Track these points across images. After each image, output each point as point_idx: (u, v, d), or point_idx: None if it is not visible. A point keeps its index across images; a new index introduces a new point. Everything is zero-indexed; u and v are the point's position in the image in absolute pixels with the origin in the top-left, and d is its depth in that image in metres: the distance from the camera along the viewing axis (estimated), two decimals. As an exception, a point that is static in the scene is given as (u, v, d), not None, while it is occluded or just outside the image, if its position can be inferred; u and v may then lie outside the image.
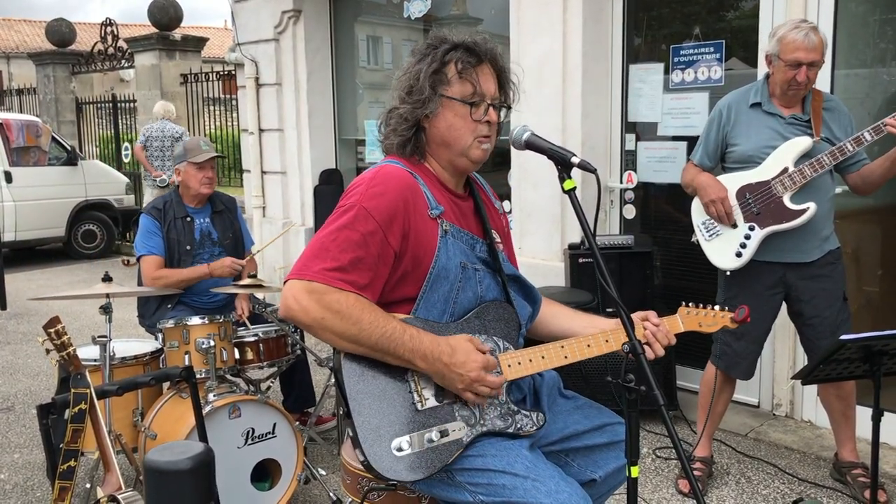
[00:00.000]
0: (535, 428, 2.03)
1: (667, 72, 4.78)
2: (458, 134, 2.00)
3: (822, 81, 3.98)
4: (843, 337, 2.48)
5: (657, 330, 2.04)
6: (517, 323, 2.08)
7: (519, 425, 2.00)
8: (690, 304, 2.18)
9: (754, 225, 3.30)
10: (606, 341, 2.03)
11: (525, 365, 2.01)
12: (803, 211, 3.21)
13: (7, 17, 34.37)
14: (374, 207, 1.89)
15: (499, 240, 2.17)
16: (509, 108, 2.09)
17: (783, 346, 4.30)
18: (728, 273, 3.40)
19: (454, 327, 1.98)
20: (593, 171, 1.86)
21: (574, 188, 1.88)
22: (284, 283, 1.89)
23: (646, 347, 2.01)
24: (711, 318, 2.15)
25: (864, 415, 3.28)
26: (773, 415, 4.44)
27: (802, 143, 3.24)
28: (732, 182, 3.37)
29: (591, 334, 2.06)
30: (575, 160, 1.88)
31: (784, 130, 3.29)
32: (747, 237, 3.31)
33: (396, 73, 2.09)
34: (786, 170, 3.23)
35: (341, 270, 1.84)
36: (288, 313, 1.86)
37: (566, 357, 2.02)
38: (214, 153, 4.04)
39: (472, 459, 1.92)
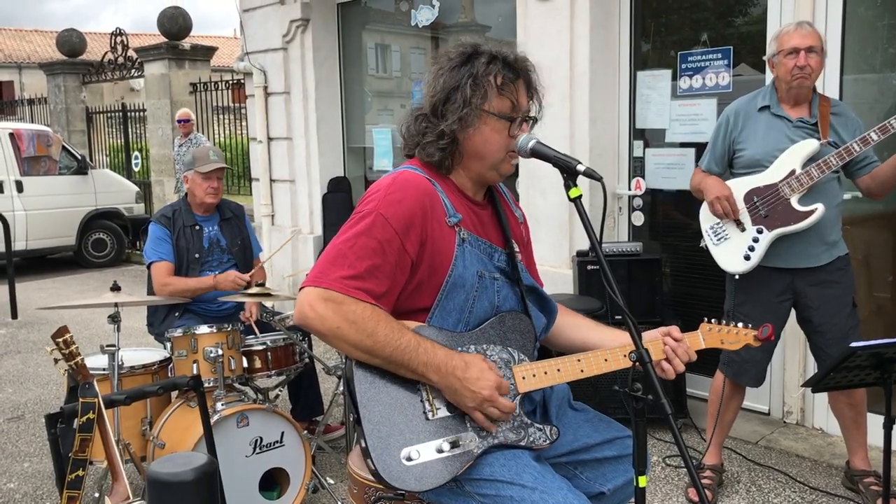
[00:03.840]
0: (547, 442, 2.00)
1: (675, 78, 4.77)
2: (494, 148, 1.98)
3: (831, 86, 3.98)
4: (854, 344, 2.46)
5: (678, 346, 2.02)
6: (533, 334, 2.06)
7: (531, 439, 1.98)
8: (713, 321, 2.14)
9: (762, 227, 3.29)
10: (624, 356, 1.98)
11: (540, 377, 1.98)
12: (812, 212, 3.20)
13: (19, 27, 34.65)
14: (391, 214, 1.86)
15: (518, 249, 2.14)
16: (536, 120, 2.07)
17: (793, 353, 4.27)
18: (737, 278, 3.38)
19: (469, 337, 1.96)
20: (599, 179, 1.84)
21: (580, 196, 1.86)
22: (300, 289, 1.86)
23: (665, 364, 2.00)
24: (734, 336, 2.12)
25: (875, 422, 3.26)
26: (784, 422, 4.41)
27: (809, 145, 3.23)
28: (740, 186, 3.36)
29: (608, 348, 2.02)
30: (580, 168, 1.86)
31: (792, 133, 3.28)
32: (755, 240, 3.30)
33: (426, 77, 2.05)
34: (793, 172, 3.22)
35: (358, 279, 1.82)
36: (303, 320, 1.84)
37: (582, 371, 1.99)
38: (221, 164, 4.05)
39: (480, 468, 1.90)
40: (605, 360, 2.00)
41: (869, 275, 4.34)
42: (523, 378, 1.97)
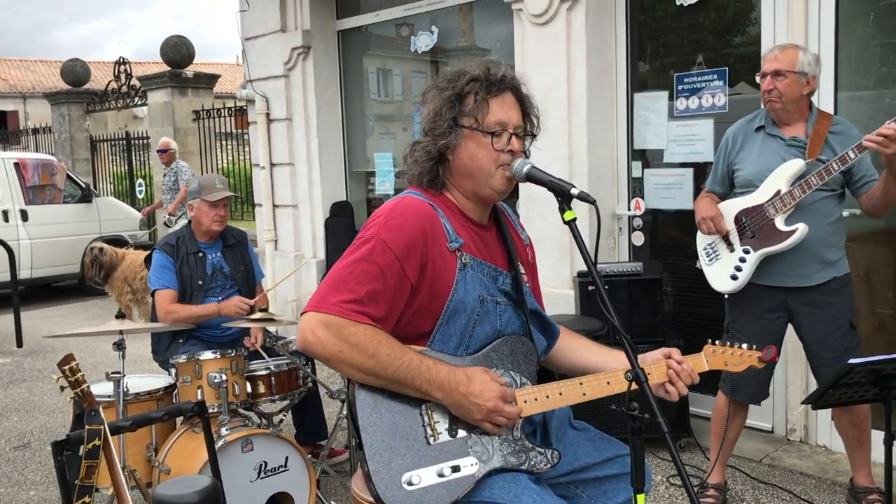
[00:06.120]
0: (548, 466, 2.02)
1: (671, 99, 4.82)
2: (481, 164, 2.00)
3: (826, 103, 4.01)
4: (852, 361, 2.47)
5: (681, 369, 2.04)
6: (535, 358, 2.09)
7: (532, 462, 2.00)
8: (716, 343, 2.16)
9: (749, 248, 3.33)
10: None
11: (542, 401, 2.00)
12: (793, 232, 3.22)
13: (24, 57, 34.98)
14: (392, 240, 1.89)
15: (524, 271, 2.16)
16: (534, 136, 2.10)
17: (795, 371, 4.27)
18: (726, 297, 3.43)
19: (470, 360, 1.99)
20: (592, 202, 1.88)
21: (574, 219, 1.90)
22: (301, 314, 1.89)
23: (669, 386, 2.03)
24: (738, 358, 2.13)
25: (878, 438, 3.26)
26: (788, 440, 4.40)
27: (794, 165, 3.26)
28: (731, 207, 3.42)
29: (611, 370, 2.04)
30: (574, 191, 1.89)
31: (784, 153, 3.32)
32: (742, 260, 3.35)
33: (422, 109, 2.10)
34: (778, 192, 3.26)
35: (358, 303, 1.85)
36: (305, 346, 1.86)
37: (584, 394, 2.01)
38: (228, 192, 4.09)
39: (480, 492, 1.92)
40: (608, 382, 2.02)
41: (870, 291, 4.35)
42: (525, 402, 1.99)
